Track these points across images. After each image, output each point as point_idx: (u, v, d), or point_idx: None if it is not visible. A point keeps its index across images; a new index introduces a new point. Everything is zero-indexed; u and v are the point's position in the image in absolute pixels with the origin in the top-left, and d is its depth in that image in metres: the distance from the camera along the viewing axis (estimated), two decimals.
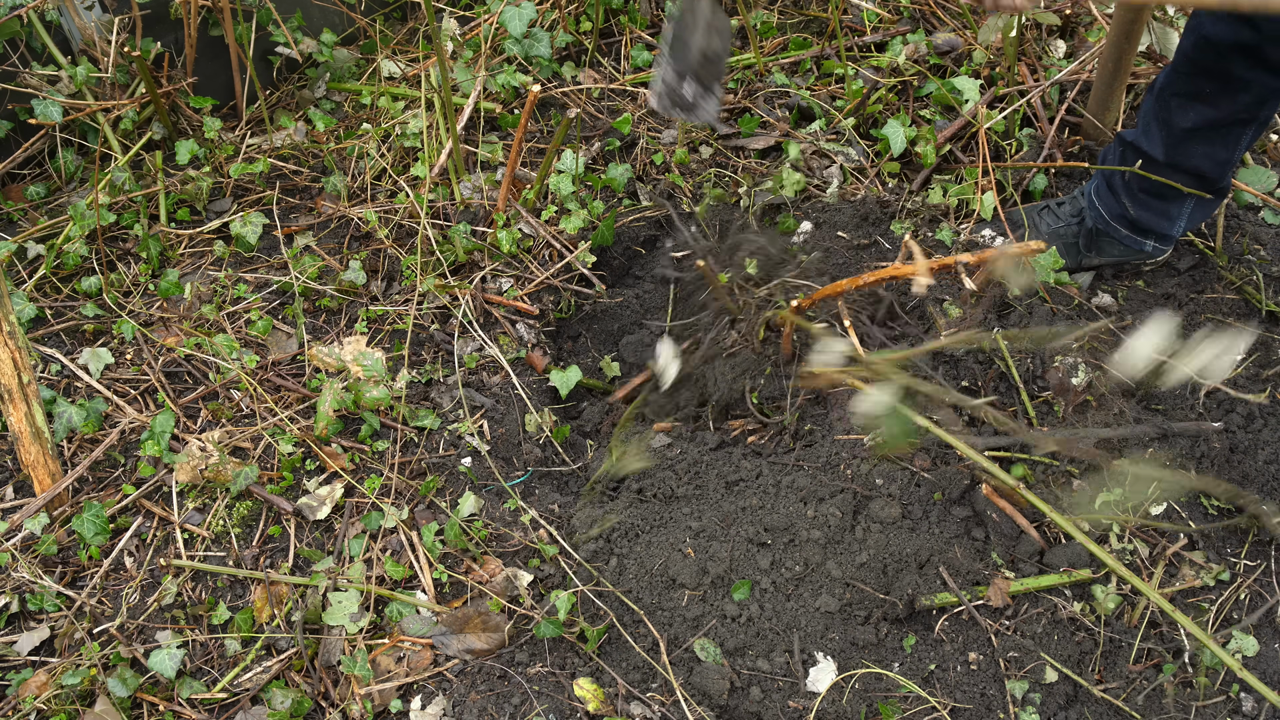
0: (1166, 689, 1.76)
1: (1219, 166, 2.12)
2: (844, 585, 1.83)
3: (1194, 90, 2.03)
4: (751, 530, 1.89)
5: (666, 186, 2.62)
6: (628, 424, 2.21)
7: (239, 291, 2.36)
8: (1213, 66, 1.99)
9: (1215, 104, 2.02)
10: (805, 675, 1.76)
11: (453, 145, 2.49)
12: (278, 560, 1.93)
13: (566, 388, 2.21)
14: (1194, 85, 2.03)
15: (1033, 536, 1.90)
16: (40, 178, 2.60)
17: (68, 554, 1.92)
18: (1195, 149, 2.10)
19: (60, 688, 1.71)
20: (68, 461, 2.04)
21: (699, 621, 1.82)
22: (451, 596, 1.89)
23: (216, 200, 2.59)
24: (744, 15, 2.73)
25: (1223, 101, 2.01)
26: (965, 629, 1.82)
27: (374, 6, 3.01)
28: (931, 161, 2.54)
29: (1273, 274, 2.35)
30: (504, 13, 2.61)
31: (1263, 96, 1.99)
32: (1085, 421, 2.04)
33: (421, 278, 2.34)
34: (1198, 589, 1.87)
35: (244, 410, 2.14)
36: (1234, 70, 1.96)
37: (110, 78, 2.56)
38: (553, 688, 1.76)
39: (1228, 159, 2.11)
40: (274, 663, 1.79)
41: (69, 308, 2.32)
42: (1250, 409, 2.05)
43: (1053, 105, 2.63)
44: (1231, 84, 1.98)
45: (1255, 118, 2.03)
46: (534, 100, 2.24)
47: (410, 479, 2.04)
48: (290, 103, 2.86)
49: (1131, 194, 2.24)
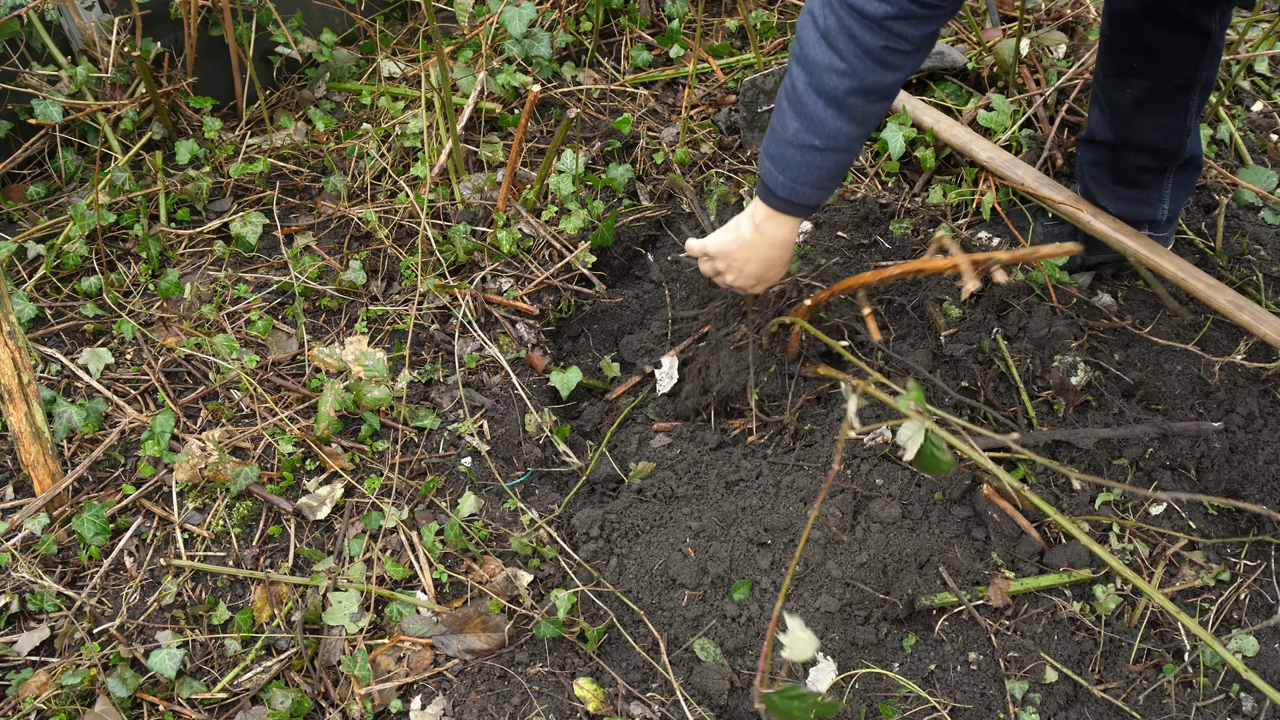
0: (1166, 689, 1.76)
1: (1174, 136, 2.09)
2: (844, 585, 1.83)
3: (1124, 66, 2.02)
4: (751, 530, 1.89)
5: (667, 186, 2.62)
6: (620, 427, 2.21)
7: (239, 291, 2.36)
8: (1131, 38, 1.97)
9: (1148, 74, 2.00)
10: (805, 675, 1.76)
11: (453, 145, 2.49)
12: (278, 560, 1.93)
13: (567, 389, 2.21)
14: (1122, 61, 2.01)
15: (1033, 537, 1.90)
16: (40, 178, 2.60)
17: (68, 554, 1.92)
18: (1145, 124, 2.08)
19: (60, 688, 1.71)
20: (68, 461, 2.04)
21: (699, 621, 1.82)
22: (451, 596, 1.89)
23: (216, 200, 2.59)
24: (743, 14, 2.73)
25: (1154, 70, 1.99)
26: (965, 629, 1.82)
27: (374, 6, 3.01)
28: (931, 166, 2.54)
29: (1273, 274, 2.35)
30: (504, 13, 2.61)
31: (1191, 55, 1.96)
32: (1086, 422, 2.04)
33: (421, 278, 2.34)
34: (1198, 589, 1.87)
35: (244, 410, 2.14)
36: (1151, 36, 1.94)
37: (110, 78, 2.56)
38: (553, 688, 1.76)
39: (1181, 127, 2.07)
40: (274, 663, 1.79)
41: (69, 308, 2.32)
42: (1250, 408, 2.05)
43: (1051, 105, 2.63)
44: (1154, 50, 1.96)
45: (1194, 80, 2.00)
46: (534, 100, 2.24)
47: (410, 479, 2.04)
48: (290, 103, 2.86)
49: (1106, 190, 2.22)
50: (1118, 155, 2.15)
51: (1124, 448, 2.00)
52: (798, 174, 1.75)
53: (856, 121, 1.68)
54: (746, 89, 2.54)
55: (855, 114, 1.67)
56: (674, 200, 2.61)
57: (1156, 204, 2.21)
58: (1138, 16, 1.94)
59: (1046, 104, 2.62)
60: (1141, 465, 1.99)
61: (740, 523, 1.91)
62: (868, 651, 1.79)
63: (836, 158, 1.73)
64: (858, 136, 1.71)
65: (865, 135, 1.72)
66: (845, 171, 1.79)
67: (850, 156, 1.74)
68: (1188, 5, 1.89)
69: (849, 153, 1.73)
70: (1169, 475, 1.98)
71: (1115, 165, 2.18)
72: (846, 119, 1.67)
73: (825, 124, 1.68)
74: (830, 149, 1.71)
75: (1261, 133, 2.79)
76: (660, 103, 2.85)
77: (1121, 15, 1.97)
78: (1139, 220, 2.23)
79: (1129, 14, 1.95)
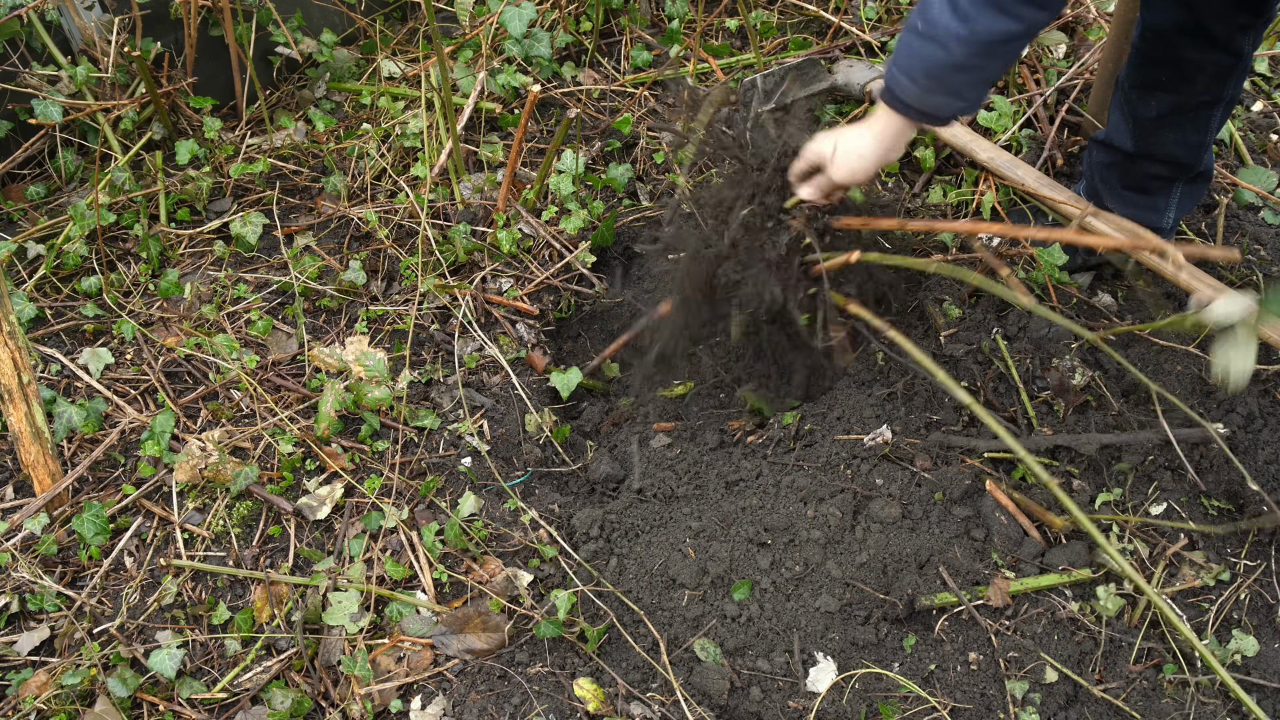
0: (1166, 689, 1.76)
1: (1193, 151, 2.10)
2: (844, 585, 1.83)
3: (1151, 80, 2.03)
4: (751, 530, 1.89)
5: (667, 186, 2.62)
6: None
7: (239, 291, 2.36)
8: (1163, 53, 1.97)
9: (1175, 90, 2.01)
10: (805, 675, 1.76)
11: (453, 145, 2.49)
12: (278, 560, 1.93)
13: (567, 389, 2.21)
14: (1150, 74, 2.02)
15: (1033, 537, 1.90)
16: (40, 178, 2.60)
17: (68, 554, 1.92)
18: (1165, 136, 2.09)
19: (60, 688, 1.71)
20: (68, 461, 2.04)
21: (699, 621, 1.82)
22: (451, 596, 1.89)
23: (216, 200, 2.59)
24: (744, 15, 2.73)
25: (1182, 86, 2.00)
26: (965, 629, 1.82)
27: (374, 6, 3.01)
28: (930, 166, 2.55)
29: (1273, 274, 2.35)
30: (504, 13, 2.61)
31: (1220, 74, 1.97)
32: (1086, 422, 2.04)
33: (421, 278, 2.34)
34: (1198, 589, 1.87)
35: (244, 410, 2.14)
36: (1183, 54, 1.95)
37: (110, 78, 2.56)
38: (553, 688, 1.76)
39: (1200, 142, 2.09)
40: (274, 663, 1.79)
41: (69, 308, 2.32)
42: (1250, 408, 2.05)
43: (1051, 105, 2.63)
44: (1185, 67, 1.97)
45: (1220, 98, 2.01)
46: (534, 100, 2.24)
47: (410, 479, 2.04)
48: (290, 103, 2.86)
49: (1115, 193, 2.23)
50: (1133, 162, 2.16)
51: (1125, 452, 2.00)
52: (900, 59, 1.72)
53: (960, 19, 1.63)
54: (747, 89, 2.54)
55: (960, 10, 1.62)
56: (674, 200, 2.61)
57: (1162, 211, 2.22)
58: (1172, 33, 1.94)
59: (1046, 104, 2.62)
60: (1140, 467, 1.99)
61: (740, 522, 1.91)
62: (868, 651, 1.79)
63: (935, 50, 1.67)
64: (960, 38, 1.64)
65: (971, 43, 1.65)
66: (947, 77, 1.71)
67: (949, 57, 1.67)
68: (1225, 27, 1.90)
69: (947, 51, 1.66)
70: (1169, 476, 1.98)
71: (1128, 171, 2.19)
72: (951, 12, 1.63)
73: (931, 7, 1.65)
74: (931, 37, 1.66)
75: (1261, 133, 2.79)
76: (660, 103, 2.85)
77: (1156, 30, 1.97)
78: (1141, 225, 2.24)
79: (1164, 30, 1.95)
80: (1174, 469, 1.99)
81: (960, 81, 1.71)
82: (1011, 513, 1.92)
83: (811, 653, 1.78)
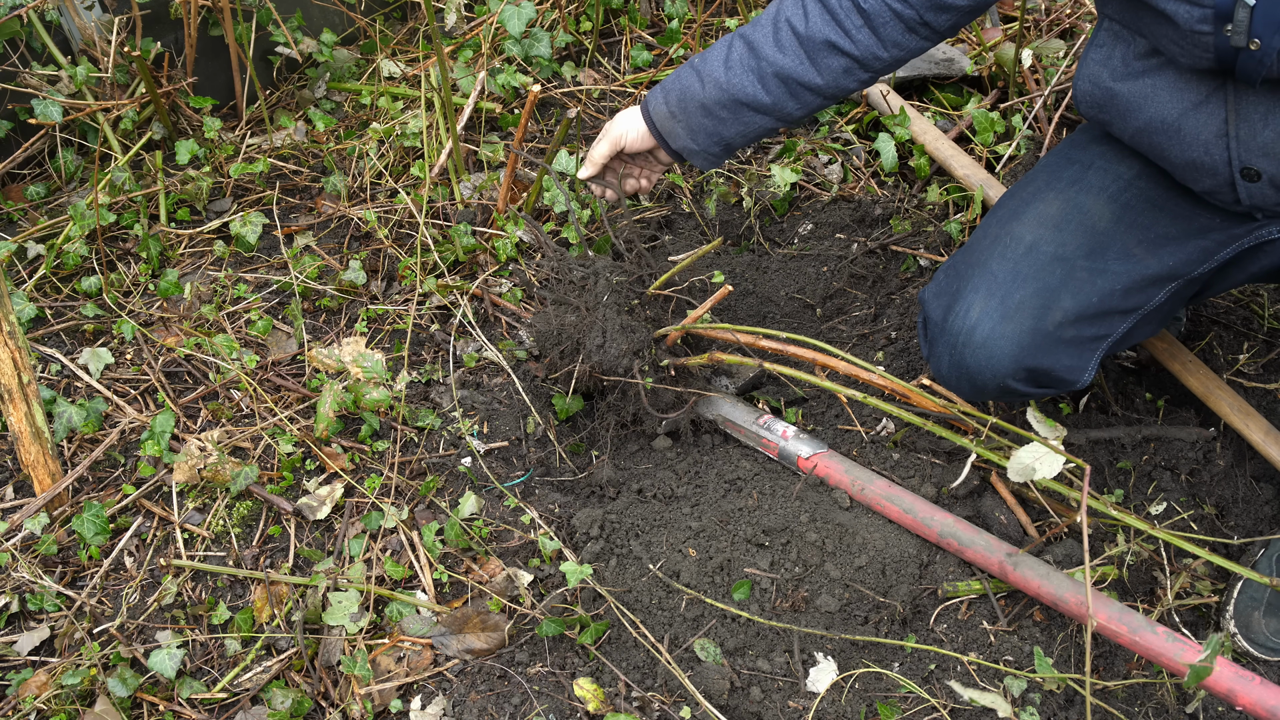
0: (1167, 689, 1.77)
1: None
2: (844, 586, 1.83)
3: None
4: (750, 530, 1.89)
5: (667, 186, 2.62)
6: None
7: (239, 291, 2.36)
8: None
9: None
10: (805, 675, 1.76)
11: (453, 145, 2.49)
12: (278, 560, 1.93)
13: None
14: None
15: (1032, 535, 1.90)
16: (40, 178, 2.60)
17: (68, 554, 1.92)
18: None
19: (60, 688, 1.71)
20: (68, 461, 2.04)
21: (699, 621, 1.82)
22: (451, 596, 1.89)
23: (216, 200, 2.59)
24: (744, 15, 2.74)
25: None
26: (965, 629, 1.82)
27: (374, 6, 3.01)
28: (926, 173, 2.55)
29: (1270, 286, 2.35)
30: (504, 13, 2.62)
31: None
32: (1086, 422, 2.04)
33: (421, 278, 2.34)
34: (1198, 589, 1.87)
35: (244, 410, 2.14)
36: None
37: (110, 78, 2.56)
38: (553, 687, 1.76)
39: None
40: (274, 663, 1.79)
41: (69, 308, 2.32)
42: None
43: (1050, 106, 2.63)
44: None
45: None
46: (534, 100, 2.25)
47: (410, 479, 2.04)
48: (290, 103, 2.86)
49: None
50: None
51: (1124, 451, 2.01)
52: (670, 78, 1.89)
53: (754, 53, 1.79)
54: None
55: (759, 43, 1.78)
56: (674, 200, 2.61)
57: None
58: None
59: (1046, 105, 2.62)
60: (1139, 467, 2.00)
61: (740, 522, 1.91)
62: (868, 651, 1.79)
63: (694, 82, 1.84)
64: (716, 82, 1.81)
65: (725, 88, 1.81)
66: (692, 111, 1.85)
67: (701, 93, 1.83)
68: None
69: (702, 86, 1.82)
70: (1168, 476, 1.99)
71: None
72: (745, 47, 1.80)
73: (724, 48, 1.82)
74: (696, 69, 1.84)
75: None
76: None
77: None
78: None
79: None
80: (1172, 469, 2.00)
81: (699, 124, 1.86)
82: (1011, 508, 1.92)
83: (811, 653, 1.79)
